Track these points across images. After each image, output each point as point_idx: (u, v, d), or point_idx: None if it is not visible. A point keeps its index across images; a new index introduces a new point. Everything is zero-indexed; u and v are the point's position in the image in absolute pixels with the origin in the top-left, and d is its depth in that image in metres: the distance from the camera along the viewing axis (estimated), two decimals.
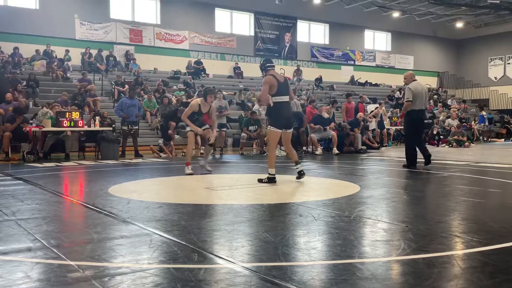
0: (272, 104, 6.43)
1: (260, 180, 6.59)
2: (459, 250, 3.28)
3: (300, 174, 6.70)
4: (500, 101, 29.30)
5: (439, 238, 3.57)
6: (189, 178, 7.41)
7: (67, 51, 19.53)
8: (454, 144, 16.54)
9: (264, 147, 13.39)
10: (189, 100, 17.58)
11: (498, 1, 22.99)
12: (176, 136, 13.96)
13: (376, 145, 15.09)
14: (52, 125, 11.27)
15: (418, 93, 8.75)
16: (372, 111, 17.08)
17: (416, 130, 9.05)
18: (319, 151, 13.12)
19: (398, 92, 25.18)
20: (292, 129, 6.85)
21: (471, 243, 3.41)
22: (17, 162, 10.65)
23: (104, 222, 4.20)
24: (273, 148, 6.76)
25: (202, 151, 13.15)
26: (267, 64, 6.70)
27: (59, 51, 19.31)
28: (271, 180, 6.47)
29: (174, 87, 19.56)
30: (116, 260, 3.02)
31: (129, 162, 10.84)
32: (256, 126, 13.67)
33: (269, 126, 6.70)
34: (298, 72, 25.15)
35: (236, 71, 23.83)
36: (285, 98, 6.56)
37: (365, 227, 4.01)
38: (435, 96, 26.03)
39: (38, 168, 9.22)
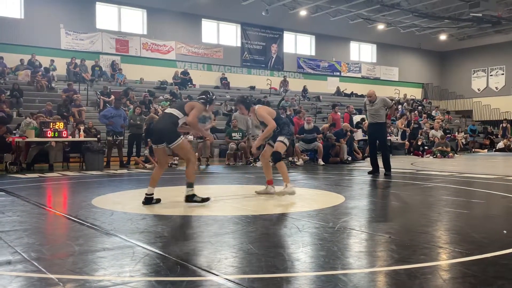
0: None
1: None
2: (441, 261, 3.31)
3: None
4: (483, 112, 29.76)
5: (421, 249, 3.59)
6: (173, 189, 7.32)
7: (52, 61, 19.39)
8: (439, 155, 16.72)
9: (250, 158, 13.40)
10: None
11: (480, 14, 23.43)
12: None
13: (360, 156, 15.07)
14: (36, 136, 11.14)
15: None
16: (365, 122, 17.17)
17: None
18: (300, 162, 13.16)
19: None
20: (161, 145, 5.74)
21: (453, 254, 3.44)
22: None
23: (87, 234, 4.15)
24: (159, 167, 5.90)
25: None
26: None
27: (44, 61, 19.17)
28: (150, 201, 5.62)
29: (161, 97, 19.52)
30: (98, 273, 2.99)
31: (114, 173, 10.75)
32: (240, 134, 13.71)
33: None
34: (284, 83, 25.30)
35: (223, 81, 23.88)
36: (168, 109, 5.99)
37: (349, 238, 4.03)
38: (420, 107, 26.33)
39: (21, 179, 9.09)
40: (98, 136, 12.99)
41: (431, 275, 2.96)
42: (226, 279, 2.85)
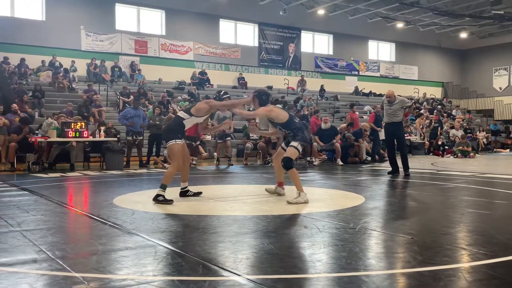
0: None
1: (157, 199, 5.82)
2: (465, 263, 3.26)
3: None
4: (505, 111, 29.23)
5: (444, 250, 3.55)
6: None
7: (73, 62, 19.70)
8: (459, 154, 16.48)
9: (268, 158, 13.39)
10: None
11: (502, 12, 23.02)
12: None
13: (377, 157, 14.62)
14: (58, 136, 11.31)
15: None
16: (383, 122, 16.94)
17: None
18: (317, 162, 13.10)
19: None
20: (170, 142, 6.08)
21: (477, 256, 3.39)
22: (22, 173, 10.69)
23: (109, 233, 4.21)
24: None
25: (194, 162, 13.03)
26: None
27: (65, 62, 19.46)
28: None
29: (179, 97, 19.64)
30: (121, 272, 3.02)
31: (133, 172, 10.86)
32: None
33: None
34: (302, 82, 25.22)
35: (240, 81, 23.92)
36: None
37: (370, 239, 4.00)
38: (439, 107, 26.00)
39: (43, 179, 9.24)
40: (118, 136, 13.13)
41: (455, 277, 2.92)
42: (248, 279, 2.86)
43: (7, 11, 19.30)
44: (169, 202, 5.76)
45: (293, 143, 6.01)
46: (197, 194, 6.39)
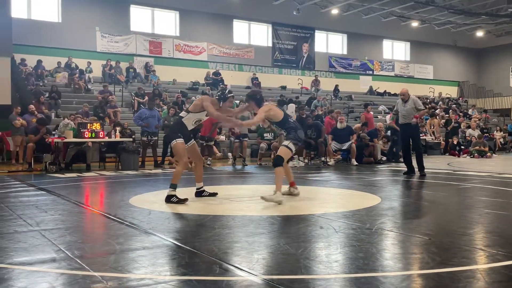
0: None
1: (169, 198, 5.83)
2: (483, 264, 3.23)
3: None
4: None
5: (463, 251, 3.52)
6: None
7: (89, 63, 19.91)
8: (476, 154, 16.29)
9: None
10: None
11: None
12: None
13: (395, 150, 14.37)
14: (74, 136, 11.44)
15: None
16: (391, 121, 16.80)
17: None
18: (332, 162, 13.04)
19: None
20: (172, 142, 6.08)
21: (496, 257, 3.35)
22: (39, 173, 10.83)
23: (126, 233, 4.24)
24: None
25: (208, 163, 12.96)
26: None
27: (80, 63, 19.69)
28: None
29: (193, 98, 19.68)
30: (139, 272, 3.05)
31: (148, 172, 10.93)
32: (272, 134, 13.75)
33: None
34: (316, 82, 25.15)
35: (254, 81, 23.92)
36: None
37: (387, 240, 3.98)
38: (454, 106, 25.71)
39: (60, 179, 9.35)
40: (133, 136, 13.23)
41: (474, 278, 2.89)
42: (265, 279, 2.86)
43: (24, 13, 19.59)
44: (183, 201, 5.77)
45: (285, 142, 6.18)
46: (213, 194, 6.40)
